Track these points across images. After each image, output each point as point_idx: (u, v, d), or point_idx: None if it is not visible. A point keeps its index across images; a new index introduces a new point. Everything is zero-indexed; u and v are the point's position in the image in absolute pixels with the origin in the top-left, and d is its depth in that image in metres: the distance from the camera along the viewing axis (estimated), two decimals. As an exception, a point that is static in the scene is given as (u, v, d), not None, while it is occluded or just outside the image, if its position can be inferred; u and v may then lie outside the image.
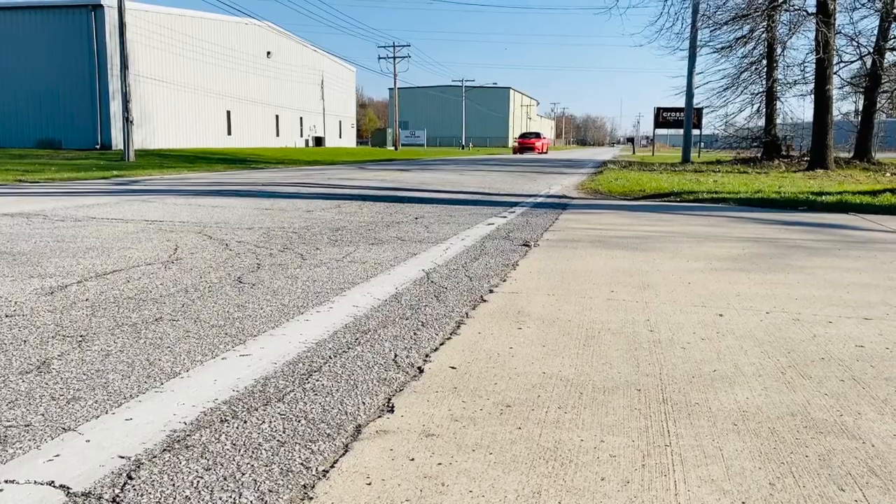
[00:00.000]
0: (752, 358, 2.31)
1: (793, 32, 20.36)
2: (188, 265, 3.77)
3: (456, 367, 2.17)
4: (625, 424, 1.75)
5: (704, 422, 1.77)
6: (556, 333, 2.58)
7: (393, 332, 2.55)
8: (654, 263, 4.08)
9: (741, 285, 3.48)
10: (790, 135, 25.87)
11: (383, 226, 5.63)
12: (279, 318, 2.72)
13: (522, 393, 1.96)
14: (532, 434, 1.68)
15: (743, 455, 1.58)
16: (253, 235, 4.94)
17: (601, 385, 2.03)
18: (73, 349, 2.28)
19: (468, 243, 4.75)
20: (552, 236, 5.22)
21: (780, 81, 23.01)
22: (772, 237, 5.38)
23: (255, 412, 1.79)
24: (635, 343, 2.47)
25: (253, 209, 6.85)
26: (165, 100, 35.69)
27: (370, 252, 4.31)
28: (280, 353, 2.28)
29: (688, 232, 5.65)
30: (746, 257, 4.36)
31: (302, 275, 3.56)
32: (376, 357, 2.26)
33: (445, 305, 2.97)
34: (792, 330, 2.66)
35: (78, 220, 5.69)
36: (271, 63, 46.93)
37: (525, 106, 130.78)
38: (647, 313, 2.90)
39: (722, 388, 2.01)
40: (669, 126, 39.70)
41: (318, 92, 55.53)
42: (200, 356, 2.23)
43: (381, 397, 1.91)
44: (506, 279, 3.57)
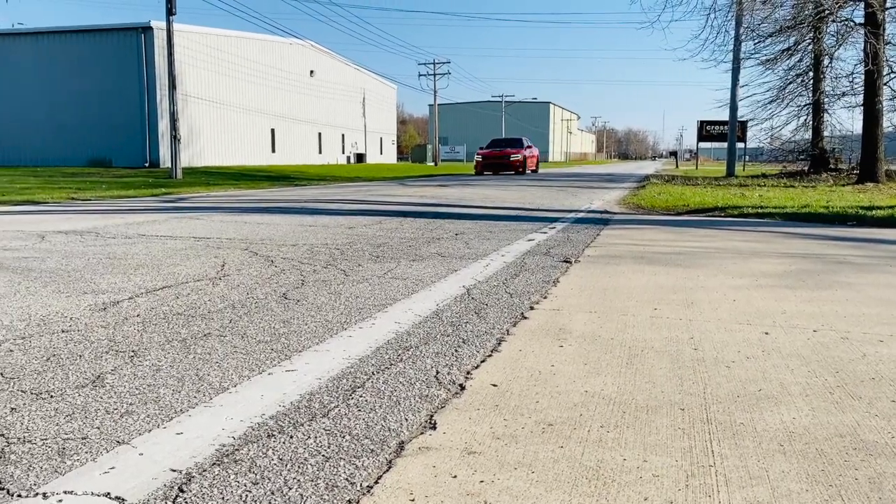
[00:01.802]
0: (799, 377, 2.27)
1: (840, 44, 19.96)
2: (235, 281, 3.86)
3: (497, 385, 2.18)
4: (668, 444, 1.74)
5: (750, 442, 1.75)
6: (598, 351, 2.57)
7: (434, 348, 2.58)
8: (698, 280, 4.04)
9: (787, 302, 3.42)
10: (838, 147, 25.28)
11: (424, 242, 5.68)
12: (323, 333, 2.76)
13: (564, 411, 1.96)
14: (574, 453, 1.69)
15: (790, 476, 1.56)
16: (297, 252, 5.03)
17: (644, 404, 2.02)
18: (125, 364, 2.35)
19: (508, 259, 4.76)
20: (593, 252, 5.20)
21: (828, 93, 22.54)
22: (819, 253, 5.27)
23: (300, 427, 1.83)
24: (679, 361, 2.45)
25: (297, 226, 6.97)
26: (212, 118, 36.53)
27: (411, 268, 4.35)
28: (324, 368, 2.32)
29: (732, 248, 5.57)
30: (793, 274, 4.28)
31: (345, 291, 3.62)
32: (418, 374, 2.28)
33: (486, 322, 2.99)
34: (840, 349, 2.60)
35: (128, 238, 5.86)
36: (314, 81, 47.70)
37: (565, 120, 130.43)
38: (690, 331, 2.87)
39: (768, 408, 1.99)
40: (713, 139, 39.20)
41: (360, 109, 56.22)
42: (248, 371, 2.28)
43: (423, 414, 1.94)
44: (546, 296, 3.57)
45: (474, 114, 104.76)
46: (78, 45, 33.32)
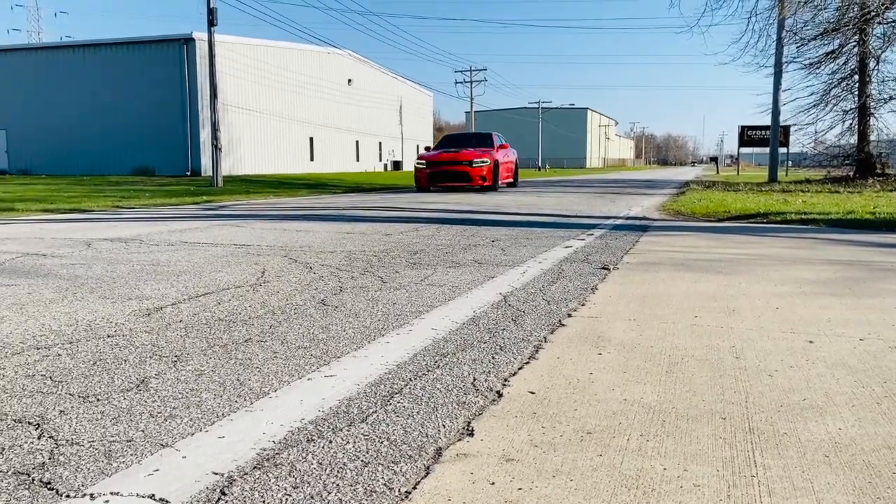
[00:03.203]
0: (845, 387, 2.22)
1: (887, 46, 19.51)
2: (275, 288, 3.91)
3: (535, 392, 2.17)
4: (709, 454, 1.71)
5: (793, 452, 1.71)
6: (637, 359, 2.55)
7: (471, 355, 2.58)
8: (740, 287, 3.97)
9: (832, 310, 3.34)
10: (885, 152, 24.67)
11: (460, 249, 5.69)
12: (361, 339, 2.78)
13: (603, 419, 1.94)
14: (613, 461, 1.67)
15: (835, 489, 1.53)
16: (335, 259, 5.08)
17: (684, 413, 2.00)
18: (168, 369, 2.40)
19: (546, 266, 4.74)
20: (632, 259, 5.15)
21: (874, 97, 22.03)
22: (866, 260, 5.14)
23: (339, 432, 1.85)
24: (720, 370, 2.41)
25: (335, 233, 7.03)
26: (251, 127, 37.13)
27: (447, 275, 4.36)
28: (362, 374, 2.33)
29: (775, 255, 5.47)
30: (838, 281, 4.19)
31: (382, 297, 3.64)
32: (455, 380, 2.28)
33: (523, 329, 2.98)
34: (889, 358, 2.54)
35: (171, 245, 5.98)
36: (352, 90, 48.18)
37: (603, 126, 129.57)
38: (732, 339, 2.82)
39: (812, 418, 1.95)
40: (754, 144, 38.59)
41: (397, 117, 56.59)
42: (287, 376, 2.31)
43: (460, 420, 1.94)
44: (584, 303, 3.55)
45: (511, 120, 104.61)
46: (123, 57, 34.22)
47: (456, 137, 20.92)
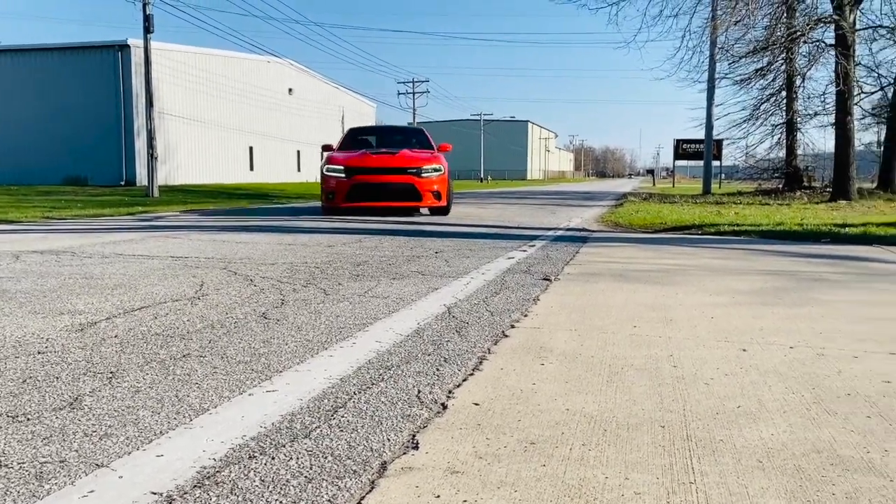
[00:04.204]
0: (777, 394, 2.30)
1: (812, 64, 20.41)
2: (214, 301, 3.83)
3: (479, 404, 2.18)
4: (649, 461, 1.75)
5: (729, 459, 1.77)
6: (579, 369, 2.59)
7: (416, 367, 2.58)
8: (677, 297, 4.08)
9: (764, 320, 3.46)
10: (812, 166, 25.76)
11: (404, 260, 5.68)
12: (304, 353, 2.75)
13: (546, 430, 1.97)
14: (557, 471, 1.69)
15: (768, 493, 1.58)
16: (277, 271, 5.01)
17: (625, 422, 2.04)
18: (103, 386, 2.33)
19: (489, 277, 4.77)
20: (573, 270, 5.24)
21: (801, 113, 22.99)
22: (795, 270, 5.35)
23: (282, 448, 1.82)
24: (658, 379, 2.47)
25: (276, 244, 6.94)
26: (189, 136, 36.37)
27: (392, 287, 4.35)
28: (305, 389, 2.31)
29: (710, 265, 5.64)
30: (769, 291, 4.34)
31: (325, 310, 3.61)
32: (400, 393, 2.28)
33: (467, 341, 2.99)
34: (816, 365, 2.64)
35: (105, 257, 5.80)
36: (293, 99, 47.73)
37: (543, 139, 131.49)
38: (670, 348, 2.90)
39: (746, 425, 2.01)
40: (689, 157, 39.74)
41: (339, 127, 56.23)
42: (228, 392, 2.27)
43: (405, 434, 1.93)
44: (527, 314, 3.59)
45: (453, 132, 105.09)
46: (54, 63, 33.12)
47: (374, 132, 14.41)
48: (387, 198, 11.26)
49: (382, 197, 11.26)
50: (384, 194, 11.25)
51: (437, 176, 11.38)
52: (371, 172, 11.29)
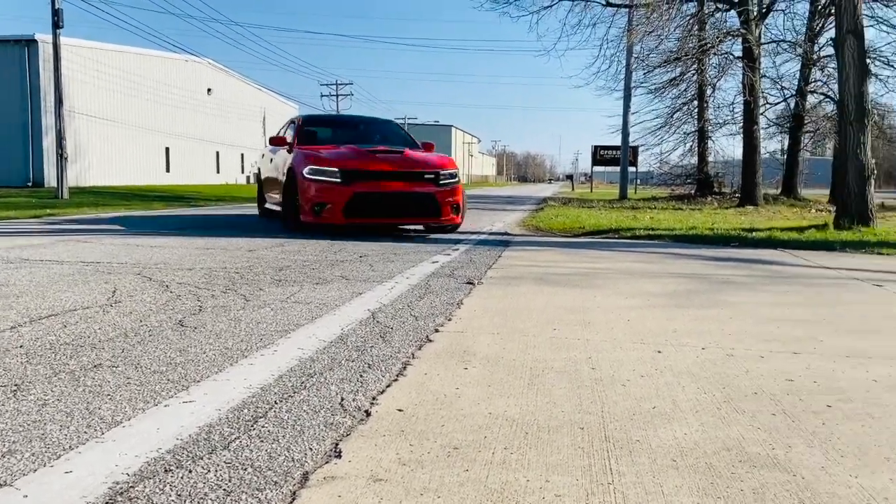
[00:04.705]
0: (690, 394, 2.39)
1: (721, 75, 21.34)
2: (127, 308, 3.69)
3: (403, 410, 2.18)
4: (569, 463, 1.79)
5: (645, 459, 1.82)
6: (501, 373, 2.62)
7: (339, 374, 2.55)
8: (595, 300, 4.18)
9: (678, 322, 3.59)
10: (722, 172, 26.89)
11: (328, 264, 5.62)
12: (223, 362, 2.68)
13: (469, 434, 1.98)
14: (479, 476, 1.71)
15: (682, 491, 1.64)
16: (194, 276, 4.87)
17: (546, 424, 2.07)
18: (7, 399, 2.21)
19: (413, 282, 4.78)
20: (495, 274, 5.30)
21: (711, 121, 23.97)
22: (706, 273, 5.57)
23: (199, 461, 1.77)
24: (578, 381, 2.52)
25: (194, 249, 6.74)
26: (102, 136, 34.95)
27: (315, 292, 4.29)
28: (224, 398, 2.25)
29: (626, 269, 5.81)
30: (682, 293, 4.50)
31: (245, 317, 3.53)
32: (323, 401, 2.25)
33: (391, 346, 2.99)
34: (726, 365, 2.76)
35: (10, 262, 5.51)
36: (212, 100, 46.55)
37: (467, 143, 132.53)
38: (588, 351, 2.97)
39: (661, 425, 2.08)
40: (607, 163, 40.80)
41: (260, 128, 55.19)
42: (142, 403, 2.19)
43: (328, 442, 1.91)
44: (451, 318, 3.61)
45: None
46: (-48, 57, 31.22)
47: (334, 123, 11.64)
48: (399, 213, 8.39)
49: (393, 211, 8.35)
50: (395, 208, 8.35)
51: (455, 184, 8.79)
52: (378, 178, 8.28)
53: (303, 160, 8.58)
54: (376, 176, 8.34)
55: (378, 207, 8.32)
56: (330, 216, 8.16)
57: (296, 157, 8.85)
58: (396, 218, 8.62)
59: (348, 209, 8.12)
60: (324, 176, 8.24)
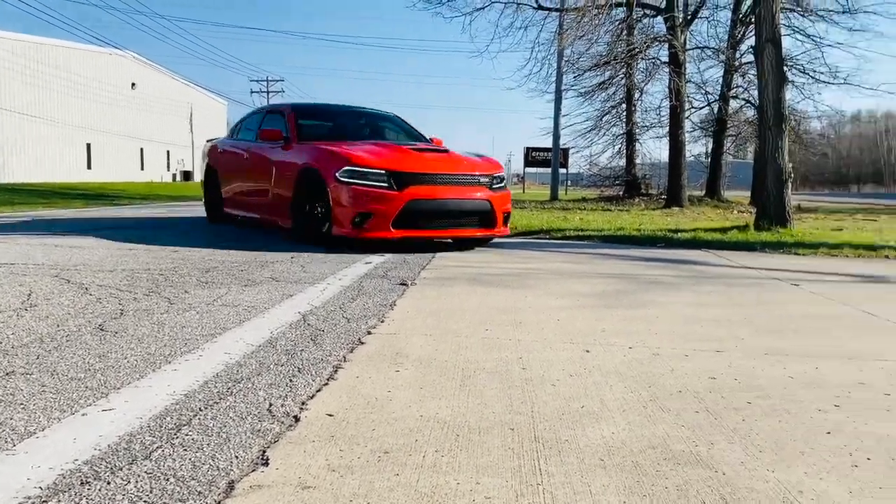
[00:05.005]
0: (617, 393, 2.44)
1: (649, 80, 21.92)
2: (44, 312, 3.53)
3: (333, 415, 2.15)
4: (499, 464, 1.80)
5: (573, 458, 1.85)
6: (433, 375, 2.61)
7: (267, 379, 2.50)
8: (526, 301, 4.22)
9: (606, 321, 3.66)
10: (649, 174, 27.59)
11: (257, 265, 5.51)
12: (145, 368, 2.59)
13: (400, 438, 1.97)
14: (410, 480, 1.70)
15: (609, 490, 1.66)
16: (115, 278, 4.70)
17: (476, 426, 2.08)
18: None
19: (346, 283, 4.73)
20: (429, 275, 5.29)
21: (639, 124, 24.60)
22: (634, 273, 5.70)
23: (119, 472, 1.70)
24: (509, 382, 2.54)
25: (115, 249, 6.51)
26: (17, 131, 33.40)
27: (243, 294, 4.20)
28: (146, 406, 2.17)
29: (556, 269, 5.89)
30: (611, 294, 4.60)
31: (169, 321, 3.42)
32: (250, 407, 2.20)
33: (322, 349, 2.94)
34: (652, 364, 2.83)
35: (-87, 264, 5.19)
36: (136, 94, 45.09)
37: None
38: (519, 351, 2.99)
39: (589, 424, 2.11)
40: (538, 165, 41.35)
41: (187, 124, 53.78)
42: (58, 413, 2.09)
43: (255, 450, 1.87)
44: (384, 320, 3.58)
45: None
46: None
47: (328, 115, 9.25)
48: (454, 223, 7.03)
49: (449, 222, 6.99)
50: (451, 217, 6.98)
51: (506, 189, 7.65)
52: (432, 182, 6.85)
53: (331, 159, 6.83)
54: (430, 180, 6.84)
55: (433, 217, 6.85)
56: (376, 228, 6.57)
57: (314, 154, 7.18)
58: (451, 230, 7.05)
59: (400, 220, 6.60)
60: (366, 179, 6.61)
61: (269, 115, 9.07)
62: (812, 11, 19.61)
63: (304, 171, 7.18)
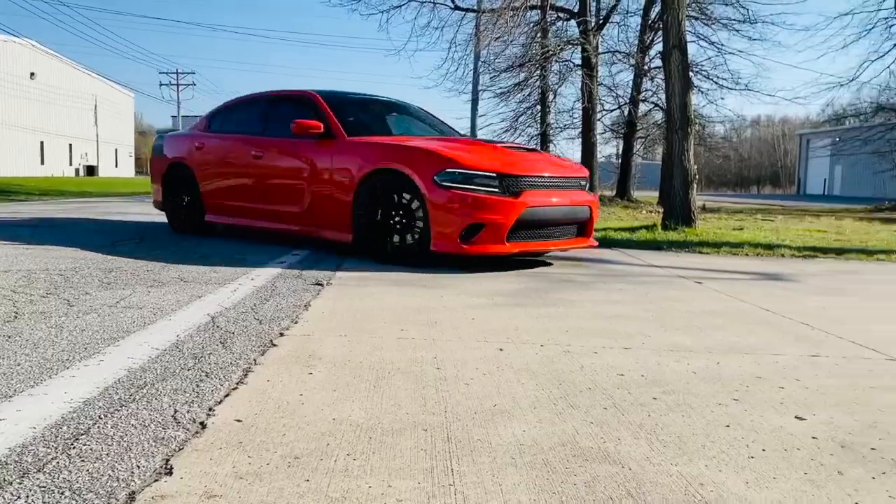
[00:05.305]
0: (529, 390, 2.47)
1: (562, 82, 22.38)
2: (-74, 317, 3.30)
3: (242, 420, 2.09)
4: (412, 466, 1.79)
5: (486, 458, 1.86)
6: (347, 376, 2.58)
7: (173, 385, 2.41)
8: (442, 300, 4.24)
9: (519, 320, 3.71)
10: (563, 174, 28.13)
11: (165, 265, 5.32)
12: (40, 374, 2.46)
13: (312, 442, 1.94)
14: (320, 485, 1.67)
15: (520, 489, 1.68)
16: (10, 279, 4.44)
17: (390, 427, 2.07)
18: None
19: (258, 283, 4.62)
20: (344, 274, 5.24)
21: (553, 126, 25.07)
22: (546, 272, 5.81)
23: (8, 487, 1.60)
24: (423, 382, 2.54)
25: (10, 248, 6.15)
26: None
27: (149, 296, 4.04)
28: (41, 415, 2.06)
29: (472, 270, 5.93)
30: (524, 292, 4.67)
31: (68, 324, 3.25)
32: (153, 414, 2.11)
33: (232, 353, 2.86)
34: (563, 361, 2.88)
35: None
36: (35, 85, 42.80)
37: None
38: (434, 350, 3.00)
39: (501, 423, 2.13)
40: (456, 163, 41.56)
41: (91, 117, 51.46)
42: (-60, 426, 1.95)
43: (158, 459, 1.80)
44: (297, 321, 3.52)
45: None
46: None
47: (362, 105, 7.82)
48: (560, 233, 6.18)
49: (556, 232, 6.13)
50: (558, 226, 6.15)
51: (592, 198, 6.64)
52: (544, 187, 6.00)
53: (427, 159, 5.75)
54: (541, 184, 5.96)
55: (544, 227, 5.97)
56: (488, 241, 5.59)
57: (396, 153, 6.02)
58: (557, 241, 6.15)
59: (514, 231, 5.68)
60: (472, 184, 5.59)
61: (283, 102, 7.57)
62: (716, 20, 20.49)
63: (376, 174, 5.94)
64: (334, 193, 6.32)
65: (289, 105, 7.40)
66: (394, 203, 5.88)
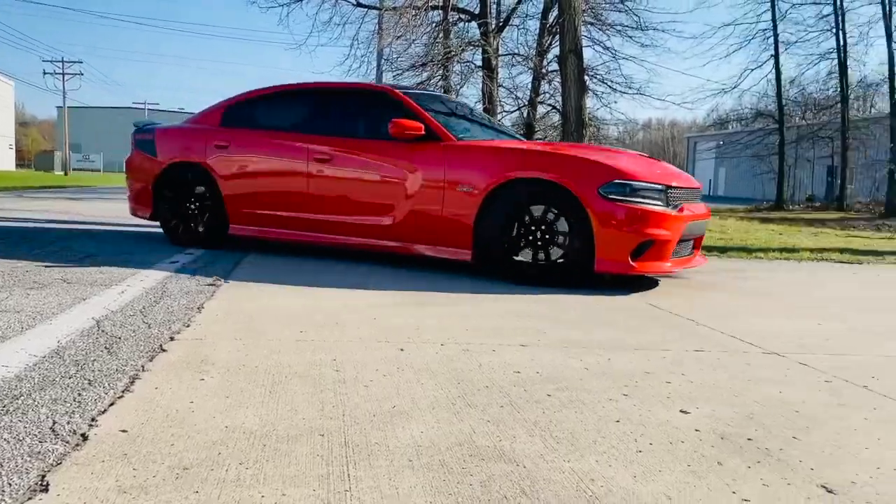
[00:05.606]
0: (428, 391, 2.48)
1: (464, 82, 22.62)
2: None
3: (127, 431, 2.00)
4: (307, 473, 1.76)
5: (383, 461, 1.85)
6: (241, 382, 2.51)
7: (52, 394, 2.27)
8: (344, 299, 4.19)
9: (420, 319, 3.72)
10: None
11: (46, 266, 5.01)
12: None
13: (202, 452, 1.87)
14: (210, 497, 1.61)
15: (416, 491, 1.68)
16: None
17: (285, 434, 2.02)
18: None
19: (148, 284, 4.42)
20: (243, 273, 5.10)
21: (455, 125, 25.31)
22: (449, 272, 5.84)
23: None
24: (321, 385, 2.50)
25: None
26: None
27: (28, 298, 3.80)
28: None
29: (378, 270, 5.90)
30: (427, 291, 4.68)
31: (-65, 331, 3.01)
32: (29, 426, 1.99)
33: (118, 359, 2.73)
34: (462, 360, 2.91)
35: None
36: None
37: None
38: (334, 352, 2.96)
39: (400, 424, 2.13)
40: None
41: (-35, 107, 47.96)
42: None
43: (33, 475, 1.69)
44: (190, 324, 3.40)
45: (113, 121, 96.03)
46: None
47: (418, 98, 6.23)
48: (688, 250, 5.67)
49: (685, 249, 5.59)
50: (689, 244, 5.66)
51: None
52: (688, 199, 5.60)
53: (588, 169, 5.12)
54: (686, 196, 5.52)
55: (684, 242, 5.45)
56: (654, 259, 5.07)
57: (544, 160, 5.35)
58: (689, 257, 5.65)
59: (674, 247, 5.21)
60: (637, 197, 5.01)
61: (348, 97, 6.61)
62: (610, 25, 21.24)
63: (514, 184, 5.20)
64: (447, 204, 5.45)
65: (356, 100, 6.51)
66: (536, 217, 5.17)
